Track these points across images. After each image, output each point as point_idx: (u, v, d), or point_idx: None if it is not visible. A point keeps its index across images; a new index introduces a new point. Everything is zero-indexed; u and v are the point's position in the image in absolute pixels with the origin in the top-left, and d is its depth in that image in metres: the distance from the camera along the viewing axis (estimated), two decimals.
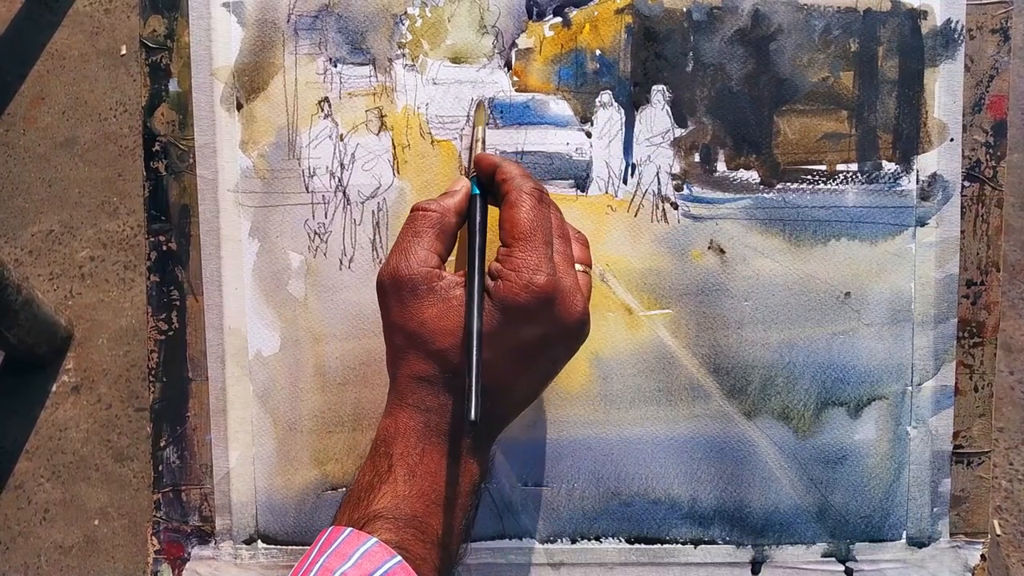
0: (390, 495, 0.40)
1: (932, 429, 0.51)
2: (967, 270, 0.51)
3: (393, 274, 0.41)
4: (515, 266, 0.40)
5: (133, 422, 1.24)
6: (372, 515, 0.39)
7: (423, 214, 0.43)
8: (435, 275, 0.41)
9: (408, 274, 0.41)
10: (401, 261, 0.41)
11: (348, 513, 0.40)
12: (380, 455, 0.41)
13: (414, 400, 0.41)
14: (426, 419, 0.41)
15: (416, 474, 0.40)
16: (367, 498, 0.40)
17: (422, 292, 0.41)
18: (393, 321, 0.42)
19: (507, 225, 0.42)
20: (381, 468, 0.41)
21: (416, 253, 0.42)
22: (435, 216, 0.43)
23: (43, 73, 1.37)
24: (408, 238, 0.42)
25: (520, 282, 0.40)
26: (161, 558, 0.52)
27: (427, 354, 0.41)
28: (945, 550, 0.51)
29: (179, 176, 0.51)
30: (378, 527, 0.38)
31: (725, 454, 0.51)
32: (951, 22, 0.50)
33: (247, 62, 0.50)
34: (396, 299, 0.42)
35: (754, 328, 0.51)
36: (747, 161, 0.50)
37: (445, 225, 0.43)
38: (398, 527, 0.39)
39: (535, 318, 0.40)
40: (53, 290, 1.29)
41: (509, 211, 0.42)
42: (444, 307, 0.41)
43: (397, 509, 0.39)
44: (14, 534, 1.21)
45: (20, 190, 1.33)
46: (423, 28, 0.50)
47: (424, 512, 0.40)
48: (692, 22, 0.50)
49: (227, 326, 0.51)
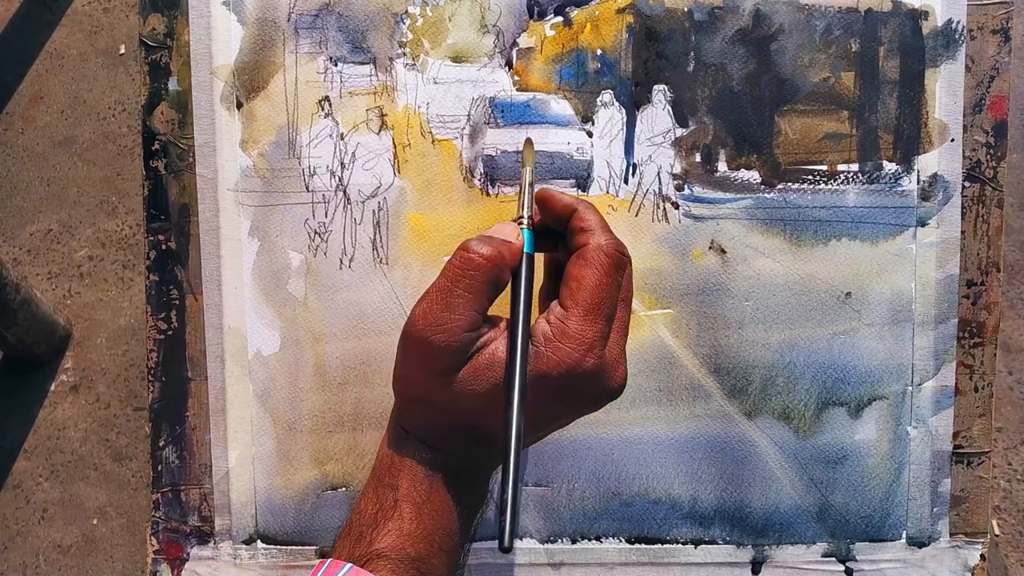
0: (395, 533, 0.37)
1: (932, 429, 0.51)
2: (967, 270, 0.51)
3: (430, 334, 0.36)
4: (567, 339, 0.36)
5: (132, 421, 1.24)
6: (375, 554, 0.37)
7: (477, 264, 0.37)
8: (474, 339, 0.37)
9: (446, 340, 0.36)
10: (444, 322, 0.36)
11: (349, 547, 0.38)
12: (385, 486, 0.39)
13: (424, 436, 0.39)
14: (434, 456, 0.39)
15: (423, 513, 0.38)
16: (370, 534, 0.37)
17: (458, 358, 0.37)
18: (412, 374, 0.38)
19: (572, 284, 0.37)
20: (386, 502, 0.38)
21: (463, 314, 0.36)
22: (491, 271, 0.37)
23: (42, 72, 1.37)
24: (457, 292, 0.37)
25: (568, 361, 0.36)
26: (160, 558, 0.52)
27: (449, 412, 0.38)
28: (945, 550, 0.51)
29: (179, 175, 0.51)
30: (380, 567, 0.36)
31: (725, 454, 0.51)
32: (952, 22, 0.50)
33: (247, 61, 0.50)
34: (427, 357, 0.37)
35: (755, 328, 0.51)
36: (748, 161, 0.50)
37: (499, 283, 0.38)
38: (401, 569, 0.37)
39: (572, 394, 0.38)
40: (52, 289, 1.29)
41: (581, 270, 0.37)
42: (474, 365, 0.37)
43: (402, 550, 0.37)
44: (12, 533, 1.21)
45: (19, 189, 1.33)
46: (424, 27, 0.50)
47: (428, 553, 0.38)
48: (693, 22, 0.50)
49: (227, 325, 0.51)
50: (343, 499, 0.51)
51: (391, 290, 0.50)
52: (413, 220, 0.50)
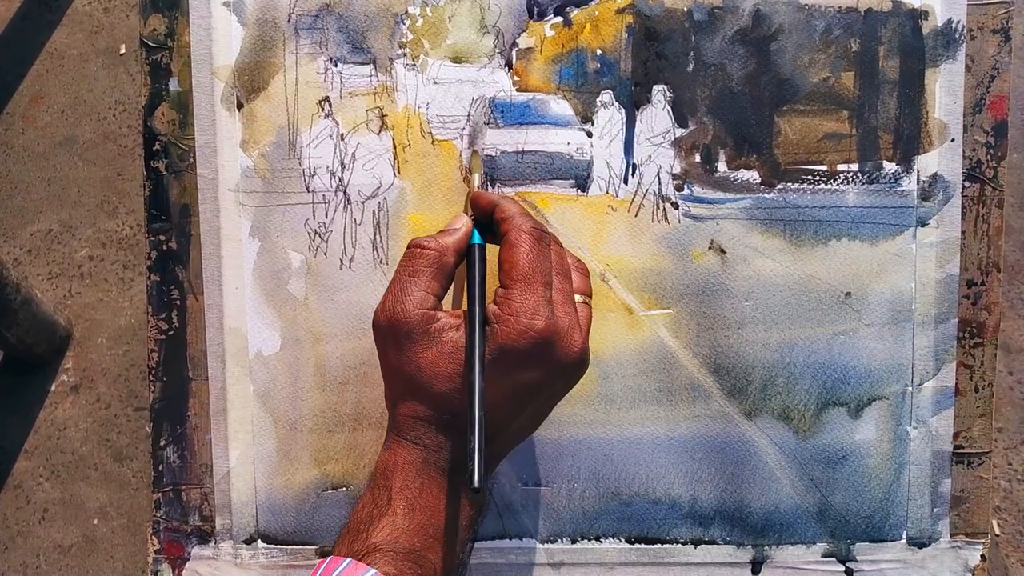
0: (389, 528, 0.40)
1: (932, 429, 0.51)
2: (967, 270, 0.51)
3: (389, 317, 0.41)
4: (513, 310, 0.40)
5: (132, 422, 1.24)
6: (371, 548, 0.39)
7: (420, 252, 0.42)
8: (431, 317, 0.41)
9: (404, 317, 0.41)
10: (397, 303, 0.41)
11: (347, 544, 0.40)
12: (379, 488, 0.41)
13: (412, 436, 0.41)
14: (424, 455, 0.41)
15: (415, 508, 0.40)
16: (366, 530, 0.40)
17: (418, 335, 0.41)
18: (390, 364, 0.42)
19: (506, 266, 0.42)
20: (380, 501, 0.41)
21: (412, 295, 0.41)
22: (433, 255, 0.42)
23: (42, 72, 1.37)
24: (404, 278, 0.42)
25: (518, 327, 0.40)
26: (161, 558, 0.52)
27: (424, 397, 0.41)
28: (945, 550, 0.51)
29: (179, 175, 0.51)
30: (377, 559, 0.38)
31: (725, 454, 0.51)
32: (952, 22, 0.50)
33: (248, 61, 0.50)
34: (392, 342, 0.41)
35: (755, 328, 0.51)
36: (748, 161, 0.50)
37: (443, 264, 0.42)
38: (396, 560, 0.39)
39: (533, 361, 0.40)
40: (52, 289, 1.29)
41: (508, 251, 0.42)
42: (439, 351, 0.41)
43: (396, 542, 0.39)
44: (13, 533, 1.21)
45: (19, 189, 1.33)
46: (424, 27, 0.50)
47: (422, 546, 0.40)
48: (693, 22, 0.50)
49: (227, 325, 0.51)
50: (343, 499, 0.51)
51: None
52: (413, 220, 0.51)
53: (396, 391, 0.42)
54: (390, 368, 0.42)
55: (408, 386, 0.41)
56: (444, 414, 0.41)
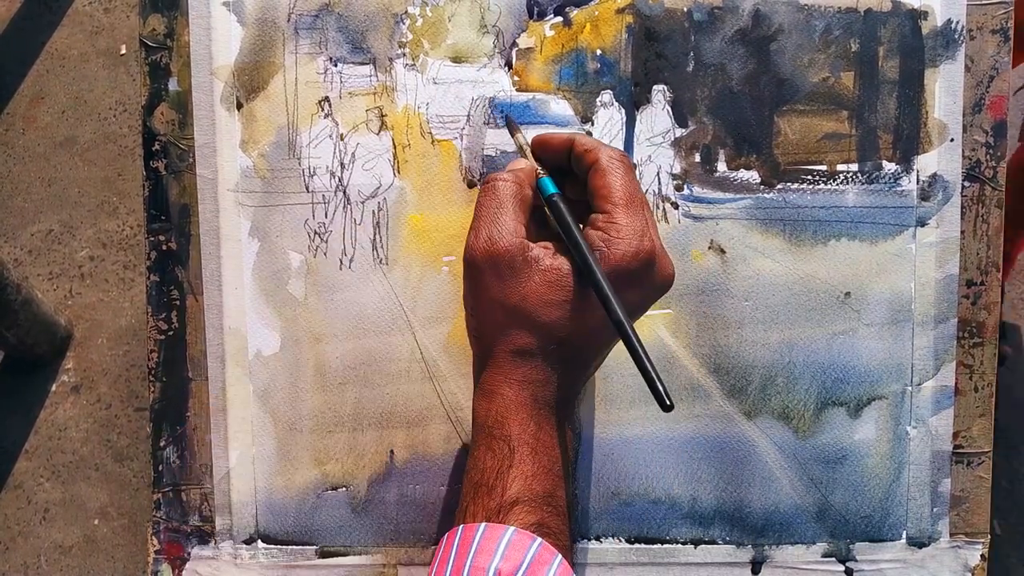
0: (520, 478, 0.40)
1: (932, 429, 0.51)
2: (967, 270, 0.51)
3: (487, 248, 0.41)
4: (622, 233, 0.40)
5: (133, 422, 1.24)
6: (510, 502, 0.39)
7: (503, 183, 0.42)
8: (527, 246, 0.41)
9: (505, 246, 0.40)
10: (494, 233, 0.41)
11: (482, 503, 0.40)
12: (496, 438, 0.41)
13: (520, 375, 0.41)
14: (533, 392, 0.41)
15: (538, 451, 0.41)
16: (499, 485, 0.40)
17: (519, 265, 0.40)
18: (490, 297, 0.41)
19: (603, 191, 0.41)
20: (501, 452, 0.40)
21: (506, 223, 0.41)
22: (514, 186, 0.42)
23: (43, 72, 1.37)
24: (492, 209, 0.41)
25: (630, 248, 0.40)
26: (161, 558, 0.52)
27: (531, 327, 0.41)
28: (945, 550, 0.51)
29: (179, 176, 0.51)
30: (517, 512, 0.39)
31: (725, 454, 0.51)
32: (951, 22, 0.50)
33: (247, 61, 0.50)
34: (493, 274, 0.41)
35: (754, 328, 0.51)
36: (748, 161, 0.50)
37: (524, 196, 0.42)
38: (535, 507, 0.39)
39: (639, 281, 0.41)
40: (53, 290, 1.29)
41: (604, 177, 0.42)
42: (543, 278, 0.40)
43: (531, 490, 0.40)
44: (14, 534, 1.21)
45: (20, 190, 1.33)
46: (424, 27, 0.50)
47: (552, 486, 0.41)
48: (693, 22, 0.50)
49: (227, 326, 0.51)
50: (343, 499, 0.51)
51: (391, 290, 0.51)
52: (413, 220, 0.51)
53: (497, 326, 0.41)
54: (490, 301, 0.41)
55: (513, 317, 0.41)
56: (551, 343, 0.41)
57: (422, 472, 0.51)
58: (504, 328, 0.41)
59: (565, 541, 0.40)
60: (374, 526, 0.51)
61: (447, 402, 0.51)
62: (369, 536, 0.51)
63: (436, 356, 0.51)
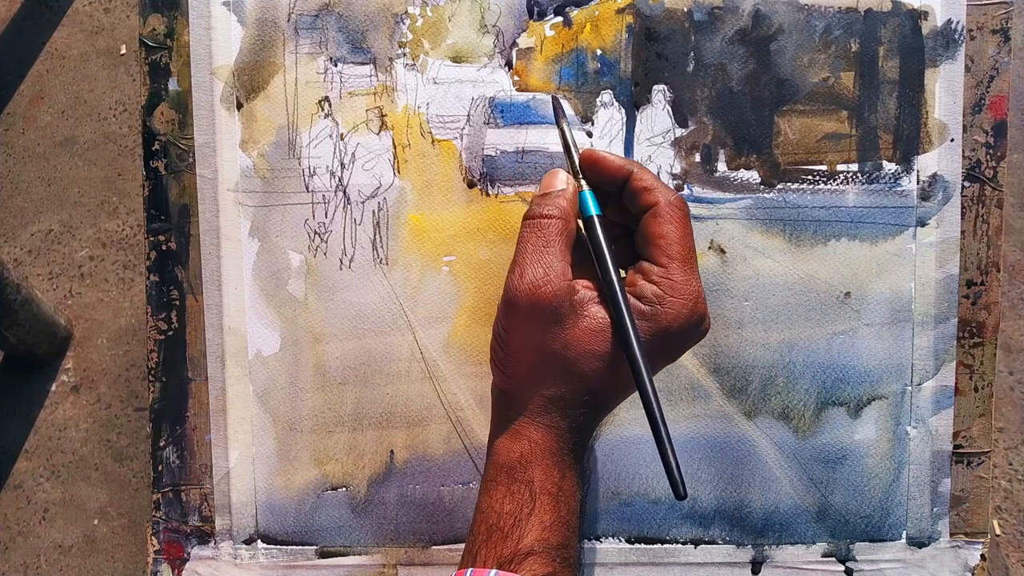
0: (538, 528, 0.39)
1: (932, 429, 0.51)
2: (967, 270, 0.51)
3: (533, 293, 0.38)
4: (679, 292, 0.39)
5: (133, 422, 1.24)
6: (525, 551, 0.38)
7: (548, 221, 0.40)
8: (573, 288, 0.39)
9: (551, 292, 0.38)
10: (541, 278, 0.38)
11: (495, 549, 0.39)
12: (518, 482, 0.40)
13: (550, 420, 0.40)
14: (559, 440, 0.40)
15: (559, 500, 0.40)
16: (515, 533, 0.39)
17: (564, 311, 0.39)
18: (531, 341, 0.39)
19: (661, 242, 0.39)
20: (522, 497, 0.39)
21: (554, 267, 0.39)
22: (560, 223, 0.40)
23: (42, 72, 1.37)
24: (539, 249, 0.39)
25: (686, 310, 0.39)
26: (161, 558, 0.52)
27: (569, 377, 0.39)
28: (945, 550, 0.51)
29: (179, 175, 0.51)
30: (531, 563, 0.38)
31: (725, 454, 0.51)
32: (951, 22, 0.50)
33: (247, 61, 0.50)
34: (536, 319, 0.39)
35: (754, 328, 0.51)
36: (748, 161, 0.50)
37: (570, 232, 0.40)
38: (549, 560, 0.38)
39: (686, 342, 0.40)
40: (52, 290, 1.29)
41: (663, 227, 0.40)
42: (586, 327, 0.39)
43: (547, 541, 0.39)
44: (13, 534, 1.21)
45: (20, 189, 1.33)
46: (424, 27, 0.50)
47: (568, 537, 0.40)
48: (693, 22, 0.50)
49: (227, 326, 0.51)
50: (343, 499, 0.51)
51: (391, 290, 0.51)
52: (413, 220, 0.51)
53: (533, 369, 0.40)
54: (529, 345, 0.39)
55: (552, 364, 0.39)
56: (585, 394, 0.39)
57: (422, 472, 0.51)
58: (540, 373, 0.40)
59: None
60: (374, 526, 0.51)
61: (447, 402, 0.51)
62: (369, 536, 0.51)
63: (436, 356, 0.51)
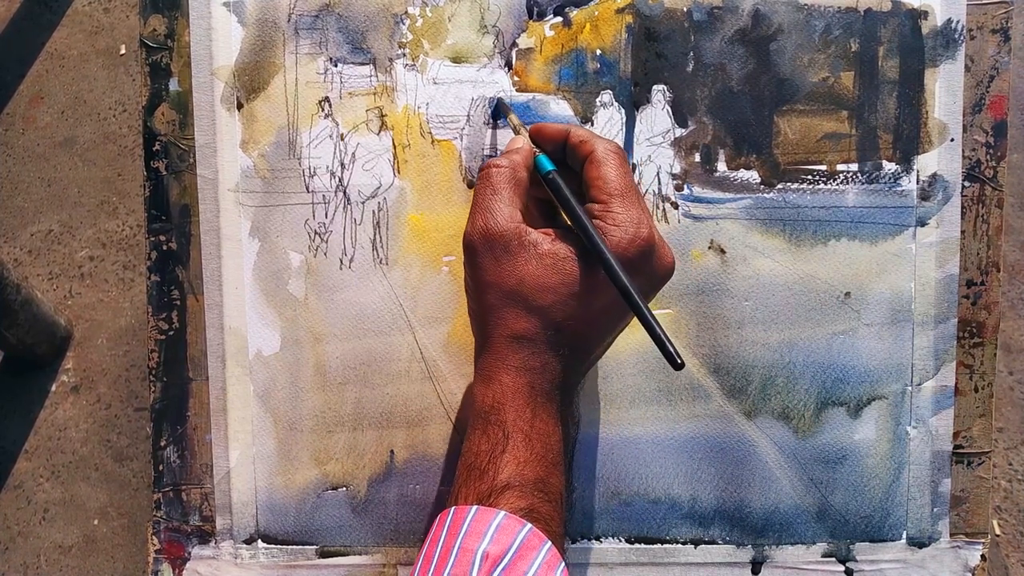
0: (512, 463, 0.40)
1: (932, 429, 0.51)
2: (967, 270, 0.51)
3: (483, 232, 0.41)
4: (618, 221, 0.41)
5: (133, 422, 1.24)
6: (501, 486, 0.40)
7: (497, 170, 0.43)
8: (523, 230, 0.41)
9: (499, 231, 0.41)
10: (489, 219, 0.41)
11: (474, 486, 0.40)
12: (492, 424, 0.41)
13: (517, 361, 0.41)
14: (530, 380, 0.41)
15: (532, 438, 0.41)
16: (491, 469, 0.40)
17: (515, 248, 0.41)
18: (487, 280, 0.41)
19: (599, 183, 0.42)
20: (496, 437, 0.41)
21: (501, 210, 0.41)
22: (508, 172, 0.43)
23: (42, 72, 1.37)
24: (488, 196, 0.42)
25: (627, 236, 0.40)
26: (161, 558, 0.52)
27: (527, 311, 0.41)
28: (945, 550, 0.51)
29: (179, 176, 0.51)
30: (507, 496, 0.39)
31: (725, 454, 0.51)
32: (951, 22, 0.50)
33: (247, 61, 0.50)
34: (489, 257, 0.41)
35: (754, 328, 0.51)
36: (747, 161, 0.50)
37: (519, 180, 0.43)
38: (525, 493, 0.40)
39: (638, 270, 0.41)
40: (52, 290, 1.29)
41: (599, 168, 0.42)
42: (541, 263, 0.41)
43: (522, 476, 0.40)
44: (13, 534, 1.21)
45: (19, 190, 1.33)
46: (424, 28, 0.50)
47: (545, 473, 0.41)
48: (693, 22, 0.50)
49: (227, 326, 0.51)
50: (343, 499, 0.51)
51: (391, 290, 0.51)
52: (413, 220, 0.51)
53: (492, 309, 0.42)
54: (487, 284, 0.42)
55: (508, 300, 0.41)
56: (548, 328, 0.41)
57: (422, 472, 0.51)
58: (501, 312, 0.41)
59: (557, 528, 0.40)
60: (374, 526, 0.51)
61: (447, 402, 0.51)
62: (369, 536, 0.51)
63: (436, 356, 0.51)
